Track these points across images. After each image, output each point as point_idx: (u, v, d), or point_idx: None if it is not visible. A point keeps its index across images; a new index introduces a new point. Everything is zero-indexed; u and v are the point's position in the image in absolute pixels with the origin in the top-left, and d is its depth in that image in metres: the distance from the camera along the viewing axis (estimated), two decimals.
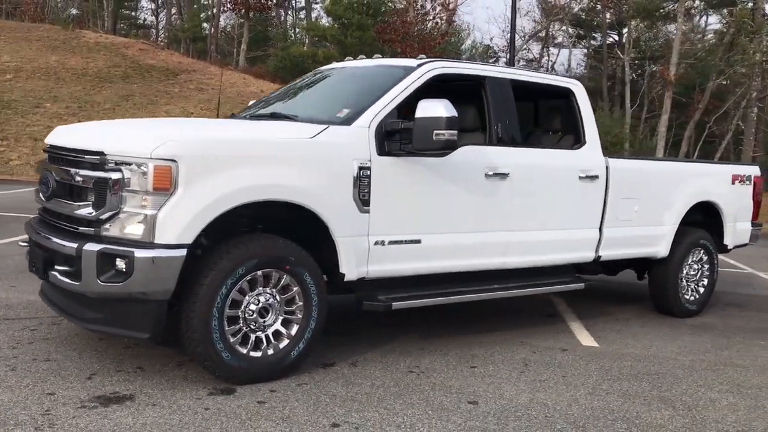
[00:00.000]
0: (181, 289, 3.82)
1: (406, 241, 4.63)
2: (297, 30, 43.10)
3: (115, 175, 3.76)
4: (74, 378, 3.98)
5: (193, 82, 36.15)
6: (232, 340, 3.97)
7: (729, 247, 7.12)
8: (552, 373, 4.69)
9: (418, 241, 4.69)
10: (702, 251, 6.78)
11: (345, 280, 4.40)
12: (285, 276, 4.12)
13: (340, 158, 4.29)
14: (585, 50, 53.50)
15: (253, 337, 4.07)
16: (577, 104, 5.76)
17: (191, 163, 3.75)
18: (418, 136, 4.36)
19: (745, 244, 7.42)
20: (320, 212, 4.18)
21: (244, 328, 4.03)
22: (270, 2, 40.24)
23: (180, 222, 3.71)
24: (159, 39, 52.25)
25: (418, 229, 4.70)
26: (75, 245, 3.79)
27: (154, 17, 60.26)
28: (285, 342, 4.18)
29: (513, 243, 5.22)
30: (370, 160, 4.39)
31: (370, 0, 34.23)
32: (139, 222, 3.72)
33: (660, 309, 6.74)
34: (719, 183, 6.91)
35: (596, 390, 4.40)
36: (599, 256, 5.88)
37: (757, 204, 7.31)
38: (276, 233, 4.21)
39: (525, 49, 52.96)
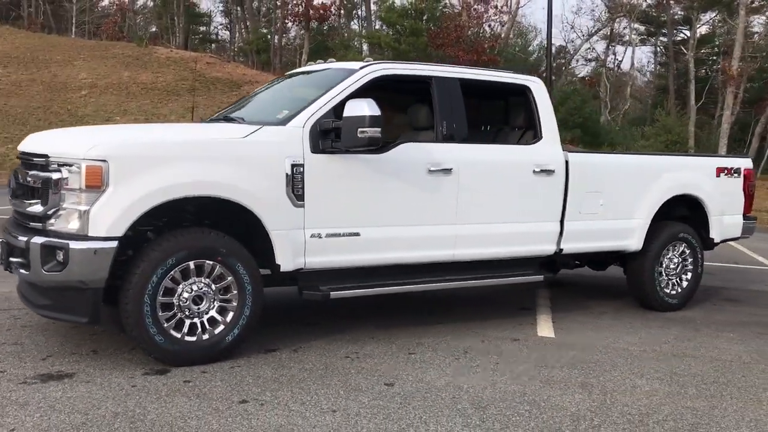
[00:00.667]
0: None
1: (344, 234, 4.89)
2: (356, 39, 43.69)
3: (56, 175, 4.18)
4: (31, 359, 4.42)
5: None
6: (165, 325, 4.32)
7: (716, 241, 7.03)
8: (487, 360, 4.84)
9: (356, 234, 4.94)
10: (683, 245, 6.73)
11: (281, 270, 4.69)
12: (218, 266, 4.45)
13: (271, 156, 4.59)
14: (652, 48, 52.19)
15: (187, 322, 4.41)
16: (534, 101, 5.88)
17: (120, 163, 4.14)
18: (345, 134, 4.62)
19: (737, 238, 7.29)
20: (251, 207, 4.49)
21: (179, 314, 4.38)
22: (329, 12, 41.14)
23: (110, 216, 4.09)
24: (228, 52, 53.95)
25: (357, 223, 4.94)
26: (25, 239, 4.23)
27: (227, 31, 62.54)
28: (220, 328, 4.50)
29: (462, 236, 5.39)
30: (303, 158, 4.67)
31: (424, 6, 34.53)
32: (75, 217, 4.12)
33: (641, 303, 6.74)
34: (701, 176, 6.84)
35: (520, 376, 4.53)
36: (561, 249, 5.96)
37: (749, 197, 7.19)
38: (221, 228, 4.55)
39: (589, 48, 52.09)
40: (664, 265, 6.65)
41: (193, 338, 4.43)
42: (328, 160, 4.78)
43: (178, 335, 4.37)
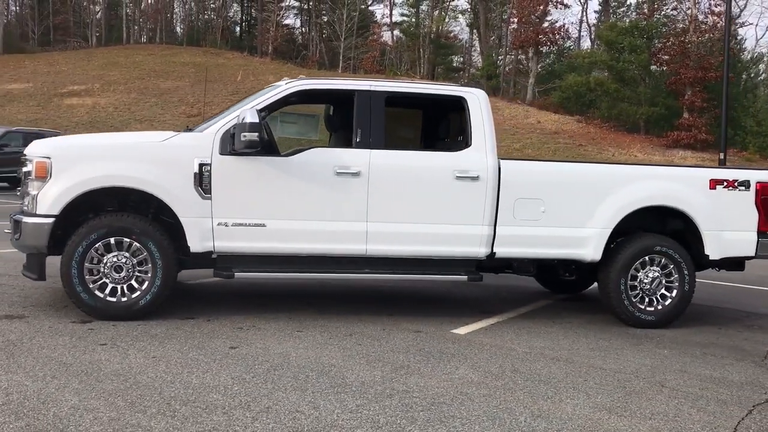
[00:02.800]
0: None
1: (249, 224, 5.76)
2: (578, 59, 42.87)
3: (26, 168, 5.69)
4: (4, 304, 5.94)
5: None
6: (91, 285, 5.56)
7: (713, 258, 6.51)
8: (347, 342, 5.35)
9: (262, 225, 5.77)
10: (663, 259, 6.40)
11: (191, 251, 5.71)
12: (134, 243, 5.60)
13: (181, 157, 5.65)
14: None
15: (110, 286, 5.62)
16: (468, 112, 6.18)
17: (58, 160, 5.51)
18: (236, 138, 5.52)
19: (753, 257, 6.65)
20: (162, 197, 5.60)
21: (104, 279, 5.61)
22: (556, 36, 41.07)
23: (49, 200, 5.47)
24: (462, 79, 55.91)
25: (263, 215, 5.78)
26: (13, 216, 5.79)
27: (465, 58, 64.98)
28: (137, 293, 5.65)
29: (374, 233, 5.92)
30: (211, 159, 5.66)
31: (646, 23, 32.97)
32: (30, 200, 5.57)
33: (616, 318, 6.53)
34: (686, 188, 6.44)
35: (369, 357, 4.98)
36: (494, 253, 6.15)
37: (763, 211, 6.54)
38: (143, 213, 5.74)
39: None
40: (638, 279, 6.39)
41: (114, 299, 5.62)
42: (236, 161, 5.70)
43: (101, 295, 5.59)
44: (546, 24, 43.07)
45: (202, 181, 5.65)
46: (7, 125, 28.87)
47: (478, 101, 6.22)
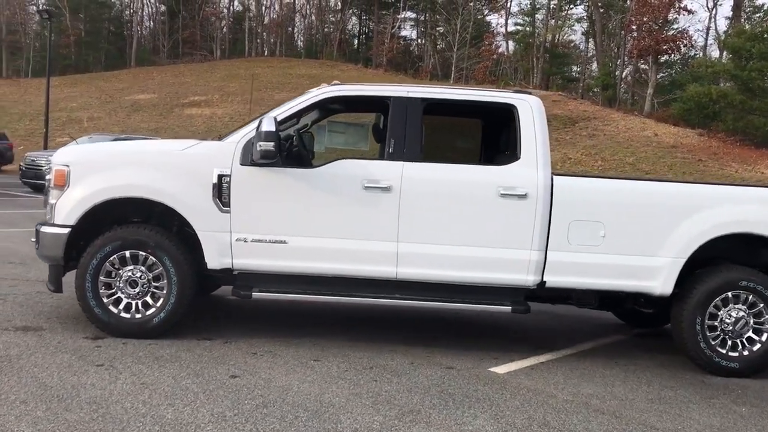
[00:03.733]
0: None
1: (270, 240, 5.33)
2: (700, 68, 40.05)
3: (48, 177, 5.54)
4: (21, 317, 5.80)
5: (587, 129, 36.90)
6: (105, 300, 5.32)
7: None
8: (362, 376, 4.79)
9: (283, 242, 5.33)
10: (750, 296, 5.42)
11: (209, 268, 5.35)
12: (150, 257, 5.31)
13: (200, 166, 5.31)
14: None
15: (125, 301, 5.35)
16: (518, 121, 5.48)
17: (77, 168, 5.31)
18: (254, 148, 5.12)
19: None
20: (178, 208, 5.28)
21: (119, 293, 5.35)
22: (678, 44, 38.61)
23: (66, 209, 5.28)
24: (578, 90, 53.84)
25: (284, 231, 5.33)
26: (37, 225, 5.66)
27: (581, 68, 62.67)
28: (152, 310, 5.34)
29: (405, 255, 5.34)
30: (231, 169, 5.29)
31: None
32: (50, 209, 5.41)
33: (691, 361, 5.61)
34: None
35: (378, 398, 4.43)
36: (544, 282, 5.41)
37: None
38: (168, 226, 5.45)
39: None
40: (718, 318, 5.44)
41: (128, 315, 5.35)
42: (257, 172, 5.29)
43: (115, 310, 5.33)
44: (670, 31, 40.70)
45: (221, 192, 5.29)
46: (130, 133, 30.43)
47: (530, 109, 5.51)
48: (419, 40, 74.82)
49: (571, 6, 60.64)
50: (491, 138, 6.22)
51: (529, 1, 62.97)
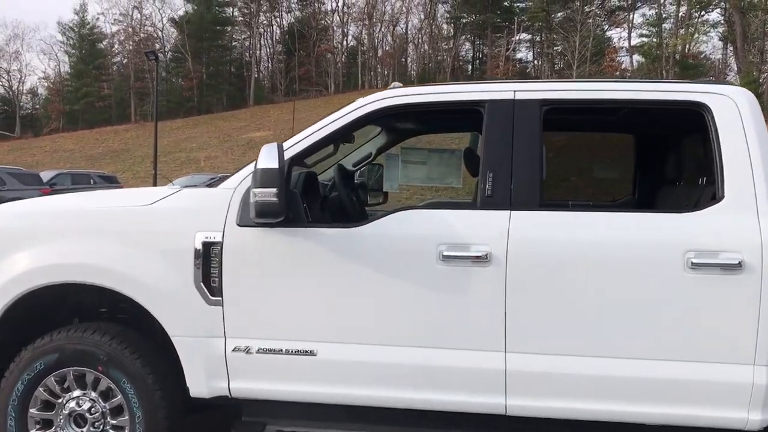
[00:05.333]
0: None
1: (288, 351, 3.18)
2: None
3: None
4: None
5: None
6: None
7: None
8: None
9: (310, 353, 3.16)
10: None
11: (191, 395, 3.26)
12: (103, 378, 3.30)
13: (174, 230, 3.25)
14: None
15: None
16: (715, 131, 3.06)
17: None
18: (249, 199, 3.02)
19: None
20: (142, 300, 3.24)
21: None
22: None
23: None
24: None
25: (311, 335, 3.17)
26: None
27: (717, 78, 57.41)
28: None
29: (520, 374, 3.03)
30: (223, 232, 3.21)
31: None
32: None
33: None
34: None
35: None
36: None
37: None
38: (128, 324, 3.44)
39: None
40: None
41: None
42: (265, 237, 3.18)
43: None
44: None
45: (209, 272, 3.21)
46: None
47: (735, 111, 3.08)
48: (536, 61, 71.86)
49: (703, 13, 55.95)
50: (657, 163, 3.82)
51: (655, 10, 58.76)
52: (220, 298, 3.20)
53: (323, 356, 3.15)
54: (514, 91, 3.25)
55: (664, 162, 4.09)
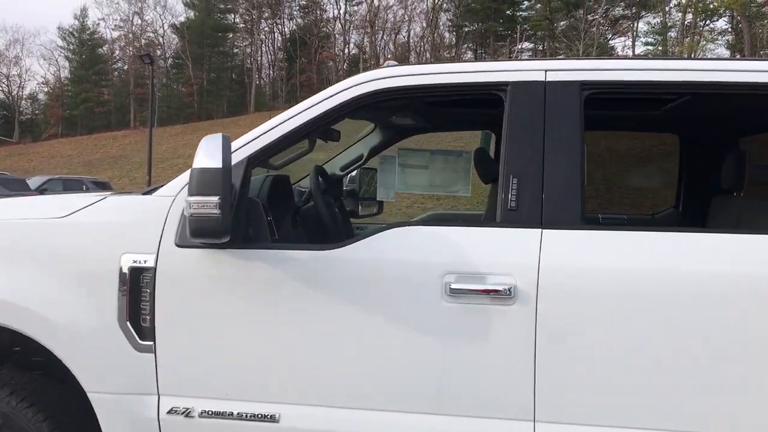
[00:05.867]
0: None
1: (242, 415, 2.36)
2: None
3: None
4: None
5: None
6: None
7: None
8: None
9: (271, 418, 2.35)
10: None
11: None
12: None
13: (93, 251, 2.45)
14: None
15: None
16: None
17: None
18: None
19: None
20: (49, 343, 2.43)
21: None
22: None
23: None
24: None
25: (272, 393, 2.36)
26: None
27: None
28: None
29: None
30: (156, 255, 2.40)
31: None
32: None
33: None
34: None
35: None
36: None
37: None
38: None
39: None
40: None
41: None
42: (212, 259, 2.37)
43: None
44: None
45: (137, 307, 2.40)
46: None
47: None
48: None
49: (708, 22, 55.20)
50: (711, 168, 3.01)
51: (660, 18, 58.04)
52: (152, 343, 2.39)
53: (288, 423, 2.34)
54: (546, 71, 2.44)
55: (719, 167, 3.29)
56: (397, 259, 2.29)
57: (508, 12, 70.68)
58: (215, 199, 2.08)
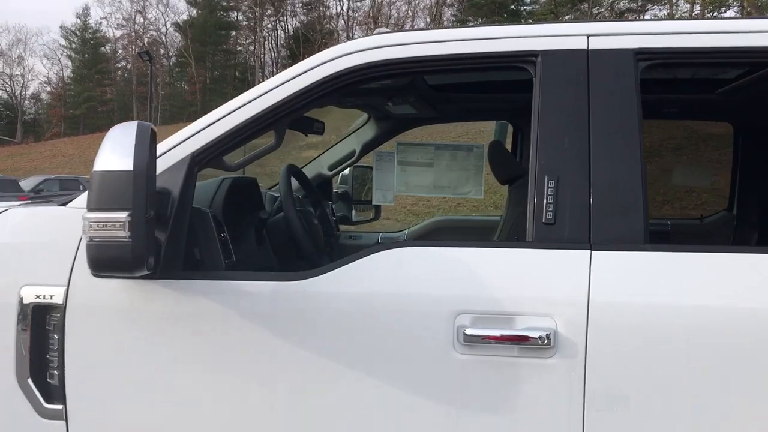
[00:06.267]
0: None
1: None
2: None
3: None
4: None
5: None
6: None
7: None
8: None
9: None
10: None
11: None
12: None
13: None
14: None
15: None
16: None
17: None
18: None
19: None
20: None
21: None
22: None
23: None
24: None
25: None
26: None
27: None
28: None
29: None
30: (67, 287, 1.78)
31: None
32: None
33: None
34: None
35: None
36: None
37: None
38: None
39: None
40: None
41: None
42: (141, 292, 1.75)
43: None
44: None
45: (43, 357, 1.78)
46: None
47: None
48: None
49: (716, 13, 54.37)
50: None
51: (667, 10, 57.17)
52: (62, 406, 1.77)
53: None
54: (588, 36, 1.81)
55: None
56: (391, 294, 1.66)
57: (512, 6, 69.99)
58: (123, 215, 1.46)
